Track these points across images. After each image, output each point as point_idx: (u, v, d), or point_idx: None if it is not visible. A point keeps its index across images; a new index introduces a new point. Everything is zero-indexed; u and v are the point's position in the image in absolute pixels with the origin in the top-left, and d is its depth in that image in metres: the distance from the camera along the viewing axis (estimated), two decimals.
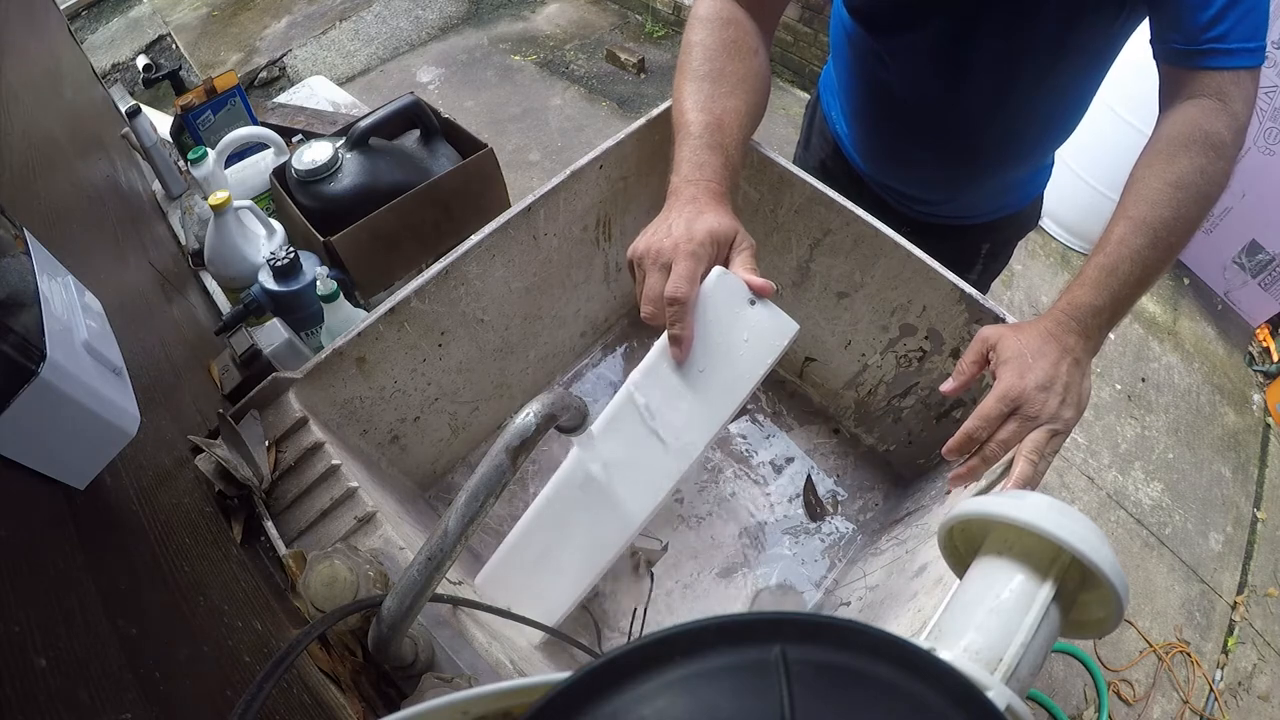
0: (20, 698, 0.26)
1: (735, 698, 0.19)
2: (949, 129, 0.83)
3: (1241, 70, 0.61)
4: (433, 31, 3.08)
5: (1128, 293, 0.60)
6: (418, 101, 0.97)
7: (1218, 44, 0.60)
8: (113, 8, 3.26)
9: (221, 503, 0.55)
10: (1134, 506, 1.74)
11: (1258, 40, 0.61)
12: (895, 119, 0.87)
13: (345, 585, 0.48)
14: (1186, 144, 0.60)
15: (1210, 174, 0.60)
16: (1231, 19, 0.59)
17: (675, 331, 0.56)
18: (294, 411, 0.61)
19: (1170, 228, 0.59)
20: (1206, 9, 0.60)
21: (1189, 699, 1.46)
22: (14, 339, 0.33)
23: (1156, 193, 0.60)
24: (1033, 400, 0.56)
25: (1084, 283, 0.60)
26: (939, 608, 0.34)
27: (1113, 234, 0.60)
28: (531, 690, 0.30)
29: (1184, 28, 0.61)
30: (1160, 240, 0.59)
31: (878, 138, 0.92)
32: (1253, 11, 0.60)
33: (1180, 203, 0.59)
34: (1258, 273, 2.04)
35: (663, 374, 0.59)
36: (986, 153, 0.85)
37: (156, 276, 0.78)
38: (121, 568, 0.38)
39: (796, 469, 0.88)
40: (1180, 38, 0.62)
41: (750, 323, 0.58)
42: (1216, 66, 0.61)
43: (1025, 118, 0.81)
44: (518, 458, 0.46)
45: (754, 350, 0.58)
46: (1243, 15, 0.60)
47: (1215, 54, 0.60)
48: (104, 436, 0.39)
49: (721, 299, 0.57)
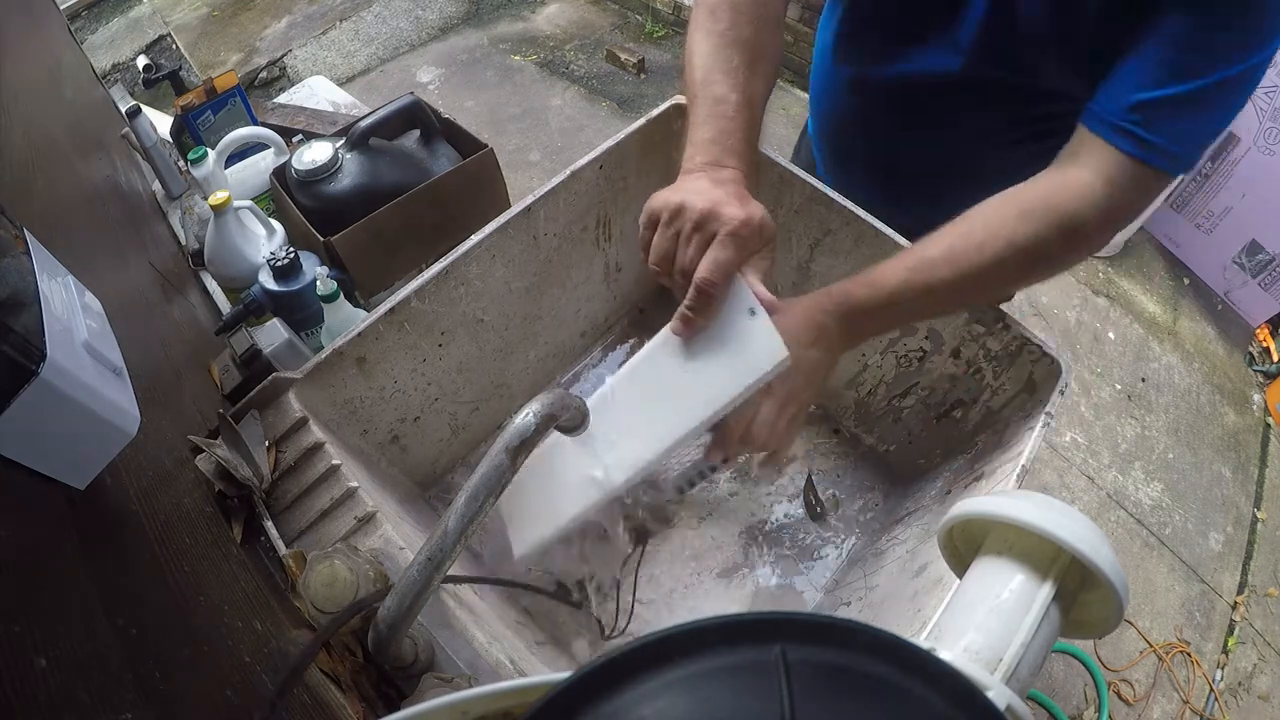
0: (20, 698, 0.26)
1: (735, 698, 0.19)
2: (903, 174, 0.80)
3: (1148, 168, 0.53)
4: (433, 32, 3.08)
5: (906, 316, 0.58)
6: (418, 101, 0.97)
7: (1134, 126, 0.53)
8: (113, 8, 3.26)
9: (221, 503, 0.55)
10: (1134, 506, 1.74)
11: (1184, 150, 0.53)
12: (854, 158, 0.84)
13: (345, 585, 0.48)
14: (1043, 214, 0.55)
15: (1047, 253, 0.55)
16: (1165, 114, 0.52)
17: (691, 317, 0.53)
18: (294, 411, 0.61)
19: (981, 279, 0.56)
20: (1143, 90, 0.53)
21: (1189, 699, 1.46)
22: (14, 339, 0.33)
23: (988, 239, 0.55)
24: (783, 379, 0.55)
25: (874, 285, 0.57)
26: (939, 608, 0.34)
27: (928, 252, 0.57)
28: (531, 690, 0.30)
29: (1112, 95, 0.55)
30: (965, 285, 0.56)
31: (838, 168, 0.89)
32: (1195, 122, 0.53)
33: (1004, 260, 0.55)
34: (1258, 273, 2.04)
35: (652, 365, 0.58)
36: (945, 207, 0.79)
37: (156, 276, 0.78)
38: (121, 568, 0.38)
39: (796, 469, 0.88)
40: (1103, 101, 0.55)
41: (743, 334, 0.54)
42: (1121, 148, 0.54)
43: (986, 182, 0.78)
44: (518, 458, 0.45)
45: (738, 365, 0.54)
46: (1180, 118, 0.53)
47: (1126, 135, 0.53)
48: (104, 436, 0.39)
49: (729, 300, 0.54)
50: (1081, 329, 2.07)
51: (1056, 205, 0.55)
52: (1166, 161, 0.53)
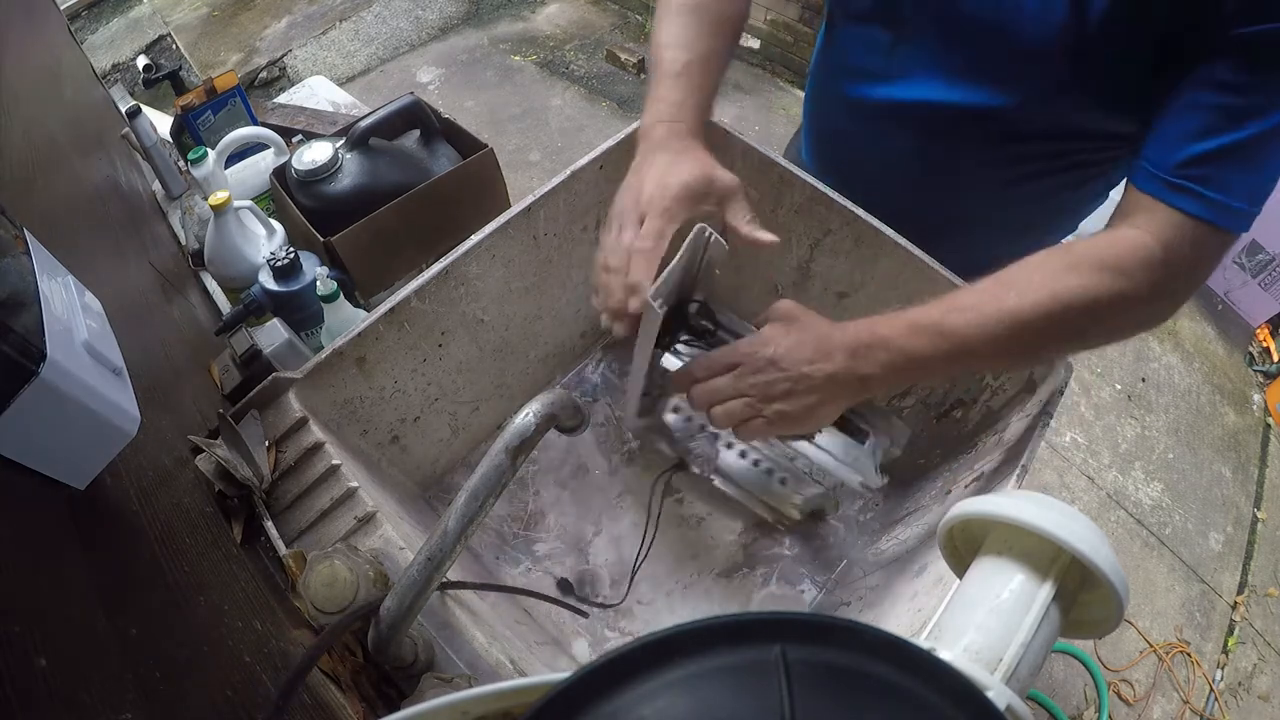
0: (20, 698, 0.26)
1: (735, 698, 0.19)
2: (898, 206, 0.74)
3: (1209, 227, 0.49)
4: (433, 32, 3.08)
5: (929, 359, 0.52)
6: (418, 102, 0.97)
7: (1192, 183, 0.49)
8: (113, 8, 3.26)
9: (221, 503, 0.55)
10: (1134, 506, 1.74)
11: (1248, 205, 0.49)
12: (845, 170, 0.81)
13: (345, 585, 0.48)
14: (1091, 268, 0.50)
15: (1094, 312, 0.50)
16: (1226, 168, 0.48)
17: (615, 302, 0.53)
18: (294, 411, 0.61)
19: (1016, 331, 0.50)
20: (1196, 143, 0.49)
21: (1189, 699, 1.46)
22: (14, 339, 0.33)
23: (1029, 288, 0.51)
24: (755, 366, 0.53)
25: (896, 316, 0.53)
26: (939, 608, 0.34)
27: (961, 296, 0.53)
28: (531, 690, 0.30)
29: (1163, 151, 0.51)
30: (999, 336, 0.51)
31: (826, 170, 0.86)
32: (1258, 172, 0.49)
33: (1044, 312, 0.50)
34: (1258, 273, 2.04)
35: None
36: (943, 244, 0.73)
37: (156, 276, 0.78)
38: (121, 568, 0.38)
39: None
40: (1152, 158, 0.51)
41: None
42: (1179, 207, 0.49)
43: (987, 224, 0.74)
44: (518, 458, 0.45)
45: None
46: (1242, 169, 0.48)
47: (1183, 193, 0.49)
48: (104, 436, 0.39)
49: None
50: None
51: (1107, 260, 0.50)
52: (1230, 219, 0.49)
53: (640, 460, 0.88)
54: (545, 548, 0.82)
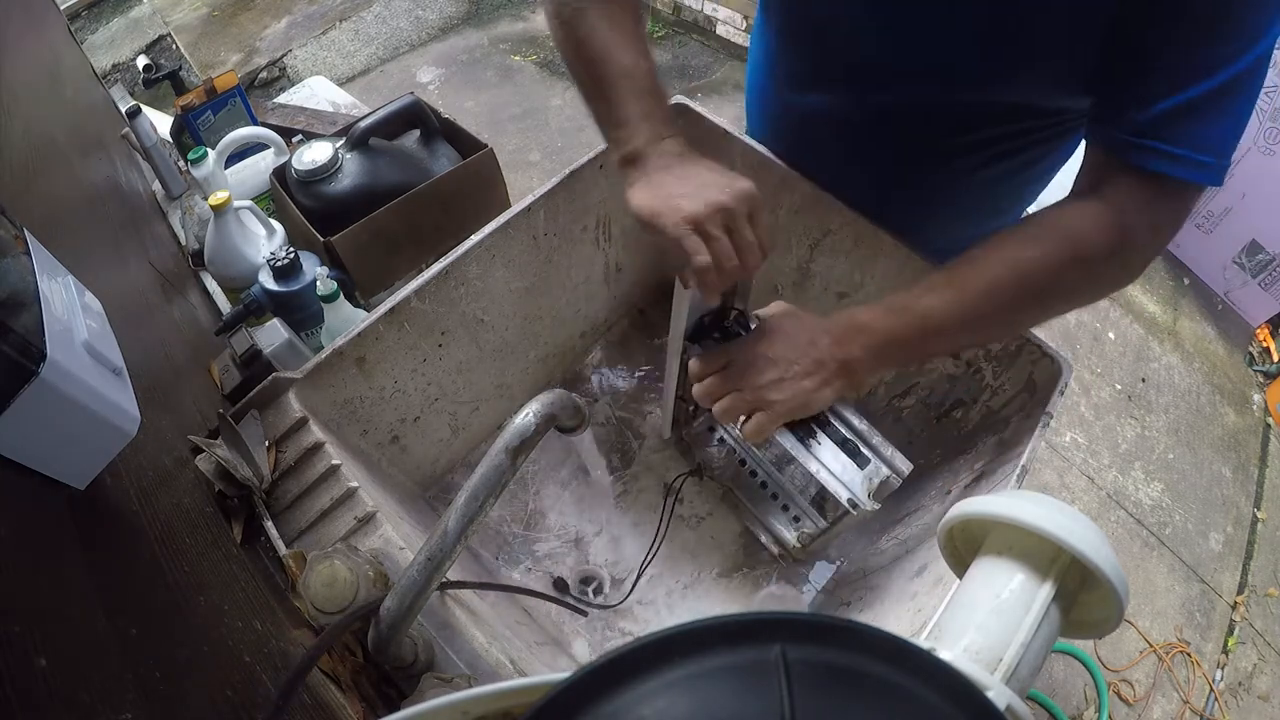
0: (20, 698, 0.26)
1: (735, 697, 0.19)
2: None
3: (1173, 181, 0.49)
4: (433, 32, 3.08)
5: (909, 338, 0.54)
6: (418, 102, 0.97)
7: (1150, 140, 0.49)
8: (113, 8, 3.26)
9: (221, 503, 0.55)
10: (1134, 506, 1.74)
11: (1212, 157, 0.49)
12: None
13: (345, 585, 0.48)
14: (1049, 237, 0.52)
15: (1058, 278, 0.52)
16: (1192, 121, 0.48)
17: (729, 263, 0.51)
18: (294, 411, 0.61)
19: (986, 303, 0.53)
20: (1163, 100, 0.48)
21: (1189, 699, 1.46)
22: (14, 339, 0.33)
23: (993, 260, 0.53)
24: (748, 361, 0.55)
25: (878, 304, 0.56)
26: (939, 608, 0.34)
27: (934, 276, 0.55)
28: (531, 690, 0.30)
29: (1126, 112, 0.50)
30: (971, 311, 0.53)
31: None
32: (1217, 124, 0.48)
33: (1007, 282, 0.52)
34: (1258, 273, 2.04)
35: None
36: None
37: (156, 276, 0.78)
38: (121, 568, 0.38)
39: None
40: (1117, 120, 0.51)
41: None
42: (1144, 166, 0.49)
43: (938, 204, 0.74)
44: (518, 458, 0.45)
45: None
46: (1209, 120, 0.48)
47: (1146, 151, 0.49)
48: (104, 436, 0.39)
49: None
50: (1081, 329, 2.07)
51: (1063, 227, 0.52)
52: (1194, 172, 0.49)
53: (641, 461, 0.88)
54: (545, 548, 0.82)
